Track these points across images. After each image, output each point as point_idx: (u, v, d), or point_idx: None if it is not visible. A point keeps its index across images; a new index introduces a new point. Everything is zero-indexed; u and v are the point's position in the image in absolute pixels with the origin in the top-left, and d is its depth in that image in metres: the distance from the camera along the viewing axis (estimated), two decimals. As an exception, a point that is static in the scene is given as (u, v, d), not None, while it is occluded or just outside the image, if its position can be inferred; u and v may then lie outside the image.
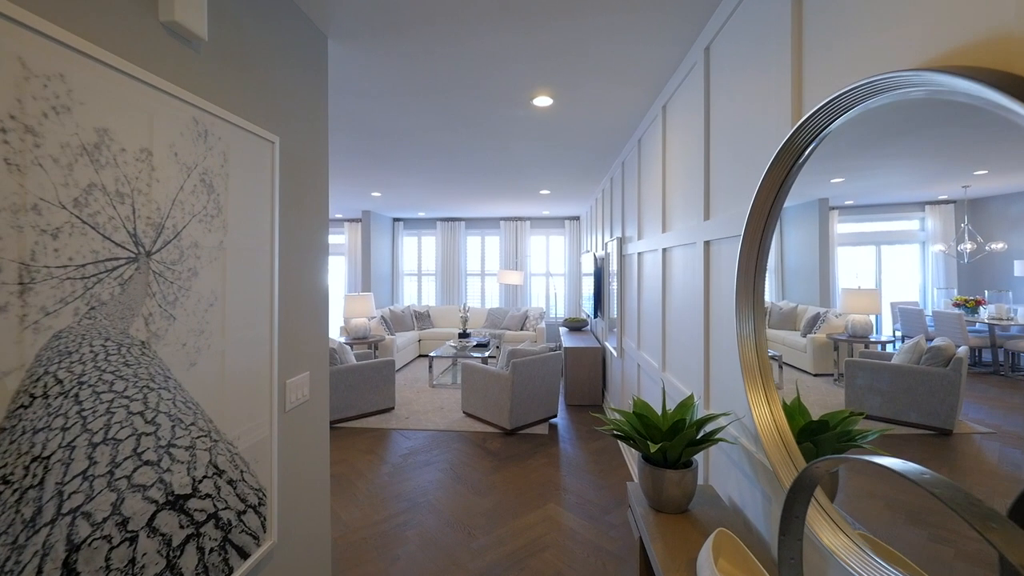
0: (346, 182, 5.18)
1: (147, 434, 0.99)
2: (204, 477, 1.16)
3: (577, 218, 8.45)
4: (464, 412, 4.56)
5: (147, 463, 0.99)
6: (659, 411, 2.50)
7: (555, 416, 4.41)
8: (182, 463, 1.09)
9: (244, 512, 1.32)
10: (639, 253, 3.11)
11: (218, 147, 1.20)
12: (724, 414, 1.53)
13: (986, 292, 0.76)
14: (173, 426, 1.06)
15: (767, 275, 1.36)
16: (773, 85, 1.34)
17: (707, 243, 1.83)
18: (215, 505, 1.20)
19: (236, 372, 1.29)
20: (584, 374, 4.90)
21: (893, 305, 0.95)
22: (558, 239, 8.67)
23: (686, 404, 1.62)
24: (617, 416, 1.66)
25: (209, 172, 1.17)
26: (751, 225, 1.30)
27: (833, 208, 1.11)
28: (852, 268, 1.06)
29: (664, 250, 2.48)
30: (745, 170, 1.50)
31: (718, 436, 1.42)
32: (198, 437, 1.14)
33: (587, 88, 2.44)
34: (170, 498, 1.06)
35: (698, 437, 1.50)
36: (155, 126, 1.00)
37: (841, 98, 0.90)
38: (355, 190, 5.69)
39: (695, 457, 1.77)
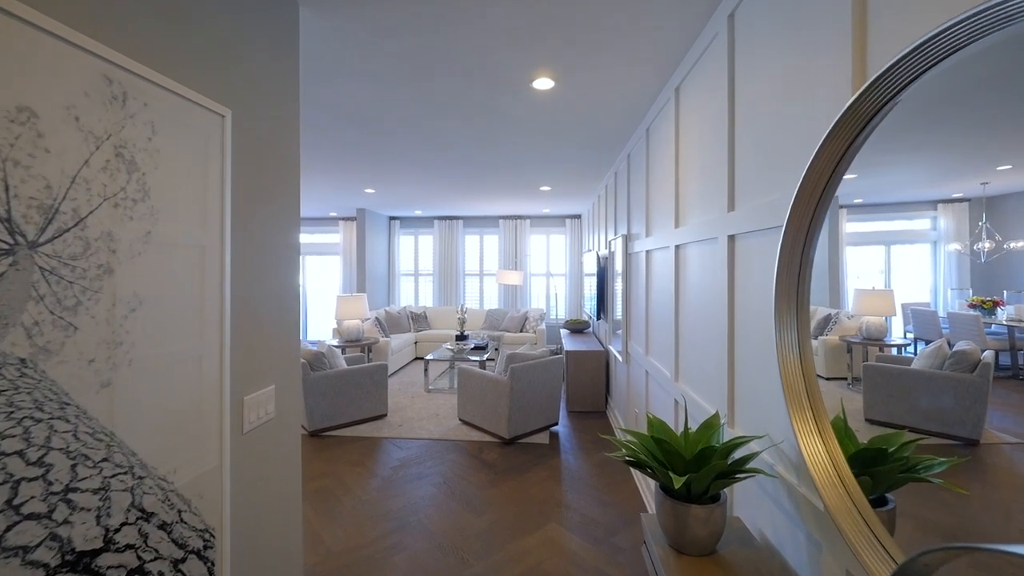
0: (337, 178, 4.96)
1: (29, 479, 0.76)
2: (124, 524, 0.94)
3: (578, 216, 8.22)
4: (460, 419, 4.33)
5: (30, 517, 0.76)
6: (676, 429, 2.27)
7: (556, 424, 4.18)
8: (88, 511, 0.86)
9: (183, 560, 1.09)
10: (647, 251, 2.88)
11: (143, 115, 0.97)
12: (756, 437, 1.30)
13: (1004, 293, 0.73)
14: (73, 465, 0.83)
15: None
16: (824, 44, 1.11)
17: (731, 237, 1.60)
18: (140, 557, 0.97)
19: (171, 391, 1.06)
20: (586, 379, 4.67)
21: (904, 306, 0.92)
22: (559, 238, 8.45)
23: (711, 425, 1.39)
24: (629, 438, 1.42)
25: (129, 145, 0.94)
26: (797, 212, 1.08)
27: (843, 207, 1.06)
28: (860, 268, 1.03)
29: (677, 247, 2.25)
30: (782, 151, 1.27)
31: (753, 467, 1.19)
32: (113, 476, 0.91)
33: (592, 68, 2.22)
34: (69, 558, 0.83)
35: (728, 464, 1.27)
36: (41, 80, 0.77)
37: (944, 37, 0.67)
38: (347, 186, 5.46)
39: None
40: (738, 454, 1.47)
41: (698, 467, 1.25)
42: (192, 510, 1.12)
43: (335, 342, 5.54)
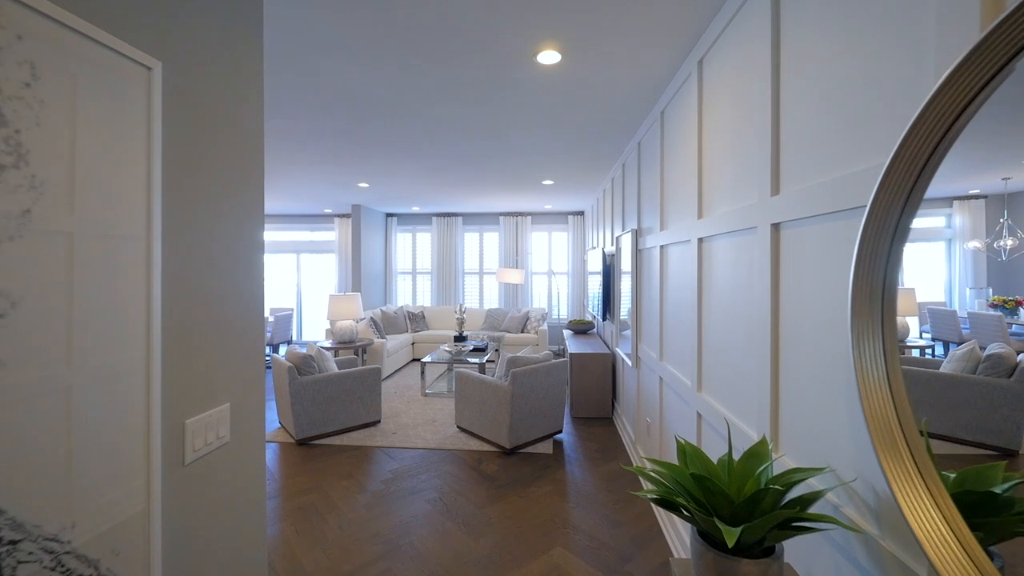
0: (328, 170, 4.70)
1: None
2: (-14, 609, 0.68)
3: (581, 213, 7.96)
4: (458, 427, 4.07)
5: None
6: (699, 445, 2.01)
7: (560, 432, 3.93)
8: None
9: (88, 639, 0.83)
10: (662, 246, 2.63)
11: (16, 51, 0.72)
12: (816, 470, 1.05)
13: (1028, 291, 0.68)
14: None
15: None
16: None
17: (776, 227, 1.35)
18: (15, 649, 0.72)
19: (65, 422, 0.81)
20: (592, 383, 4.42)
21: (920, 306, 0.89)
22: (561, 235, 8.19)
23: (758, 454, 1.13)
24: (656, 469, 1.15)
25: (-8, 90, 0.69)
26: (888, 189, 0.82)
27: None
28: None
29: (700, 240, 1.99)
30: (852, 117, 1.02)
31: (827, 516, 0.94)
32: (-35, 546, 0.66)
33: (605, 38, 1.96)
34: None
35: (792, 510, 1.01)
36: None
37: None
38: (340, 180, 5.20)
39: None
40: (796, 492, 1.20)
41: (750, 512, 0.99)
42: (102, 571, 0.87)
43: (328, 343, 5.29)
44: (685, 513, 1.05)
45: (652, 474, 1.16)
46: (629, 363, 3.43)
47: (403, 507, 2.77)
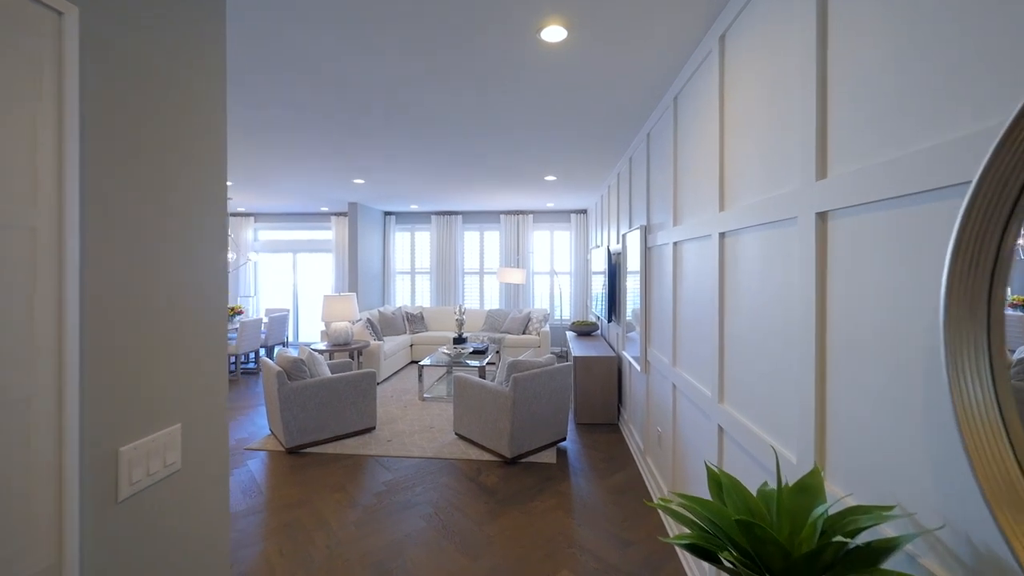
0: (321, 166, 4.51)
1: None
2: None
3: (584, 211, 7.77)
4: (456, 434, 3.88)
5: None
6: (720, 464, 1.82)
7: (564, 439, 3.74)
8: None
9: None
10: (675, 243, 2.43)
11: None
12: (884, 508, 0.86)
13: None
14: None
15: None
16: None
17: (822, 216, 1.15)
18: None
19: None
20: (596, 388, 4.22)
21: None
22: (563, 234, 7.99)
23: (810, 489, 0.94)
24: (683, 504, 0.94)
25: None
26: (999, 166, 0.63)
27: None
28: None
29: (722, 235, 1.80)
30: (945, 64, 0.82)
31: (904, 574, 0.75)
32: None
33: (616, 7, 1.76)
34: None
35: (842, 554, 0.82)
36: None
37: None
38: (334, 175, 5.02)
39: None
40: (862, 539, 1.00)
41: (811, 569, 0.80)
42: (-8, 652, 0.68)
43: (323, 346, 5.10)
44: (728, 565, 0.85)
45: (682, 512, 0.97)
46: (637, 367, 3.24)
47: (397, 524, 2.58)
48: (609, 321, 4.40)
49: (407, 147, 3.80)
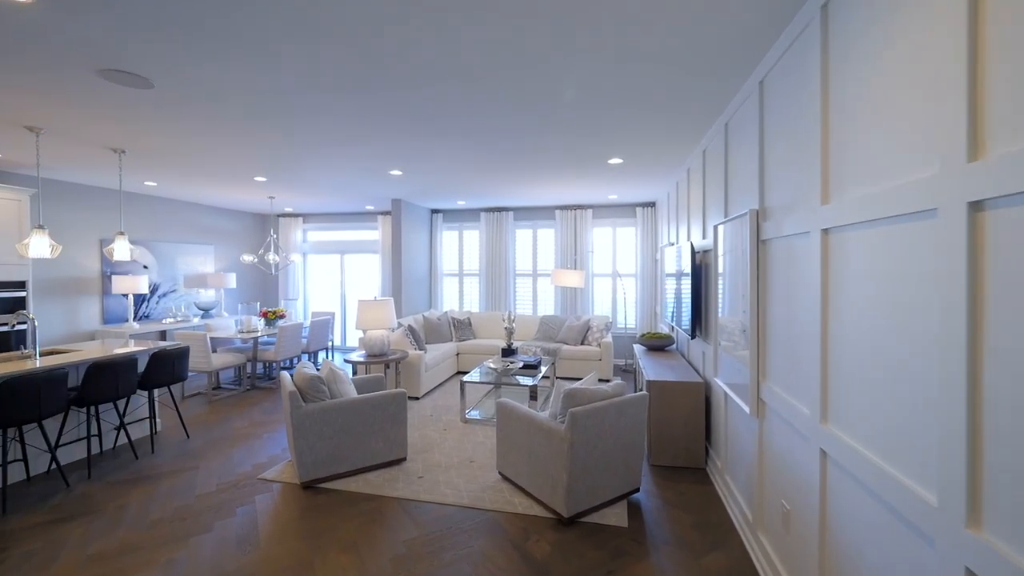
0: (355, 154, 3.97)
1: None
2: None
3: (652, 204, 6.81)
4: (500, 473, 3.17)
5: None
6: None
7: (637, 490, 2.91)
8: None
9: None
10: (824, 231, 1.56)
11: None
12: None
13: None
14: None
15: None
16: None
17: None
18: None
19: None
20: (677, 420, 3.34)
21: None
22: (627, 231, 7.07)
23: None
24: None
25: None
26: None
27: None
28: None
29: (973, 205, 0.94)
30: None
31: None
32: None
33: None
34: None
35: None
36: None
37: None
38: (370, 165, 4.49)
39: None
40: None
41: None
42: None
43: (357, 356, 4.60)
44: None
45: None
46: (744, 408, 2.35)
47: (412, 617, 1.90)
48: (693, 336, 3.50)
49: (447, 129, 3.14)
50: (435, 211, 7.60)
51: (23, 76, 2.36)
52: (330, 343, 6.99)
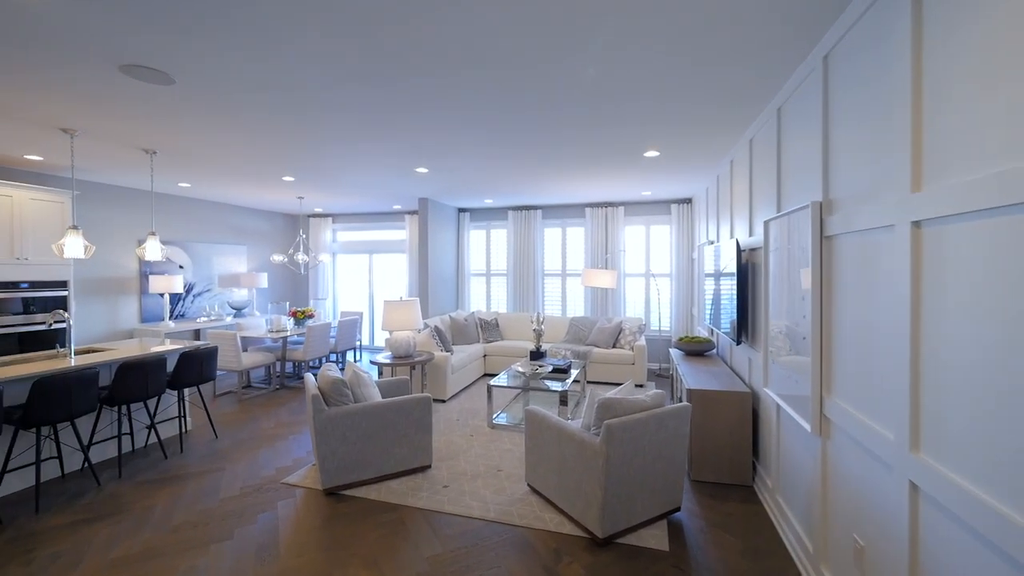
0: (379, 148, 3.88)
1: None
2: None
3: (689, 201, 6.49)
4: (529, 486, 3.00)
5: None
6: None
7: (678, 508, 2.68)
8: None
9: None
10: (914, 223, 1.32)
11: None
12: None
13: None
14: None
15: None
16: None
17: None
18: None
19: None
20: (721, 432, 3.09)
21: None
22: (662, 228, 6.77)
23: None
24: None
25: None
26: None
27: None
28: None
29: None
30: None
31: None
32: None
33: None
34: None
35: None
36: None
37: None
38: (396, 162, 4.39)
39: None
40: None
41: None
42: None
43: (383, 358, 4.52)
44: None
45: None
46: (803, 424, 2.10)
47: (434, 646, 1.75)
48: (738, 341, 3.23)
49: (471, 119, 2.99)
50: (462, 210, 7.50)
51: (48, 73, 2.34)
52: (358, 343, 6.98)
